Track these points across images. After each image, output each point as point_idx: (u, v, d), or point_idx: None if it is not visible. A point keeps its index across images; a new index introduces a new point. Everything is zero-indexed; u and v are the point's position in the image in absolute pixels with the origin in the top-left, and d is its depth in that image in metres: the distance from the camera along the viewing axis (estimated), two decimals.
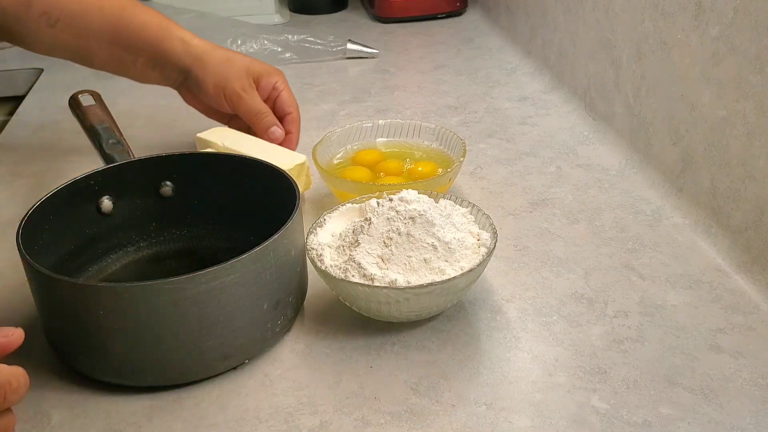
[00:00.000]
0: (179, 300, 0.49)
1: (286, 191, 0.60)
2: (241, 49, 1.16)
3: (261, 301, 0.54)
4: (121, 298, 0.49)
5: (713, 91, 0.67)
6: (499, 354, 0.56)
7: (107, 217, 0.64)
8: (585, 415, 0.50)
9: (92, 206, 0.63)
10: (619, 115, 0.85)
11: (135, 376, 0.53)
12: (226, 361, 0.54)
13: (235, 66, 0.79)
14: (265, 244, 0.52)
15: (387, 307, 0.56)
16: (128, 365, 0.52)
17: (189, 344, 0.51)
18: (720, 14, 0.65)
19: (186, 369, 0.53)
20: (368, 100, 1.03)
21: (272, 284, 0.54)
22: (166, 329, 0.50)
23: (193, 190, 0.66)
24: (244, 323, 0.53)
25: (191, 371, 0.53)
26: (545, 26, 1.06)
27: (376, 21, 1.38)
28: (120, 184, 0.64)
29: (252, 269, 0.52)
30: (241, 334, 0.53)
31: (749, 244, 0.63)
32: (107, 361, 0.52)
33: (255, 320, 0.54)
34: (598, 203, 0.75)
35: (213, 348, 0.52)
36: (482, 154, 0.86)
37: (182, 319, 0.50)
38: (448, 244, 0.57)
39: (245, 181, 0.65)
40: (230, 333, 0.53)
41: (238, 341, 0.54)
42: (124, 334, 0.50)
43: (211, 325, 0.51)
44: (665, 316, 0.59)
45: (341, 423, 0.50)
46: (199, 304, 0.50)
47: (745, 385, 0.52)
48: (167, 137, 0.94)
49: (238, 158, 0.66)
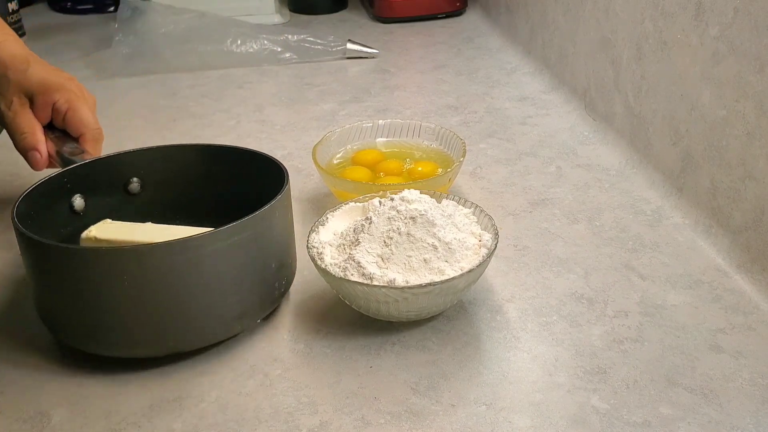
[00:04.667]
0: (202, 257, 0.51)
1: (259, 171, 0.61)
2: (241, 50, 1.16)
3: (270, 260, 0.56)
4: (145, 261, 0.50)
5: (713, 91, 0.67)
6: (499, 354, 0.56)
7: (81, 216, 0.64)
8: (585, 415, 0.50)
9: (65, 205, 0.63)
10: (619, 115, 0.85)
11: (156, 345, 0.53)
12: (242, 320, 0.56)
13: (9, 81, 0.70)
14: (272, 203, 0.54)
15: (386, 306, 0.56)
16: (149, 334, 0.53)
17: (211, 303, 0.53)
18: (720, 14, 0.65)
19: (206, 330, 0.54)
20: (368, 100, 1.03)
21: (278, 244, 0.57)
22: (190, 289, 0.52)
23: (160, 184, 0.67)
24: (259, 280, 0.56)
25: (211, 333, 0.55)
26: (545, 26, 1.06)
27: (376, 21, 1.38)
28: (89, 182, 0.64)
29: (262, 226, 0.54)
30: (256, 291, 0.56)
31: (749, 244, 0.63)
32: (129, 333, 0.53)
33: (266, 279, 0.56)
34: (598, 203, 0.75)
35: (231, 305, 0.54)
36: (482, 154, 0.86)
37: (205, 277, 0.52)
38: (448, 245, 0.57)
39: (212, 169, 0.66)
40: (247, 289, 0.55)
41: (253, 298, 0.56)
42: (149, 299, 0.51)
43: (231, 282, 0.53)
44: (665, 316, 0.59)
45: (341, 423, 0.50)
46: (219, 261, 0.52)
47: (745, 385, 0.52)
48: (167, 137, 0.94)
49: (201, 147, 0.67)
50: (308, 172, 0.83)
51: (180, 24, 1.17)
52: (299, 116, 0.99)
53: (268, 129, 0.95)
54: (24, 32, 1.34)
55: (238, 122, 0.97)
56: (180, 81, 1.12)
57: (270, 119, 0.98)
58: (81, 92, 0.72)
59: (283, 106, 1.02)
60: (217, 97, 1.06)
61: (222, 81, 1.12)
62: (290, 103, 1.03)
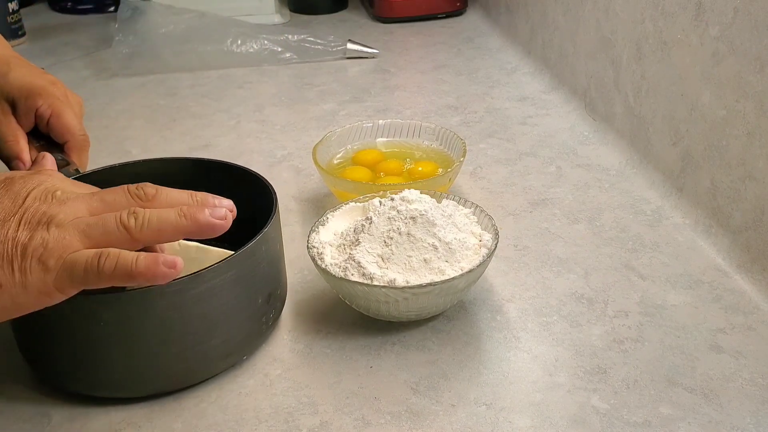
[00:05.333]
0: (182, 301, 0.49)
1: (254, 191, 0.59)
2: (241, 50, 1.16)
3: (256, 295, 0.54)
4: (124, 307, 0.48)
5: (713, 91, 0.67)
6: (499, 354, 0.56)
7: None
8: (585, 415, 0.50)
9: None
10: (619, 115, 0.85)
11: (137, 386, 0.52)
12: (228, 358, 0.54)
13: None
14: (258, 238, 0.52)
15: (386, 306, 0.56)
16: (130, 376, 0.51)
17: (193, 345, 0.51)
18: (720, 14, 0.65)
19: (189, 371, 0.52)
20: (368, 100, 1.03)
21: (265, 277, 0.55)
22: (171, 333, 0.50)
23: None
24: (243, 318, 0.54)
25: (194, 373, 0.53)
26: (545, 26, 1.06)
27: (376, 21, 1.38)
28: None
29: (248, 264, 0.52)
30: (242, 329, 0.54)
31: (749, 244, 0.63)
32: (108, 374, 0.51)
33: (252, 314, 0.54)
34: (598, 203, 0.75)
35: (215, 347, 0.52)
36: (482, 154, 0.86)
37: (186, 320, 0.50)
38: (448, 245, 0.57)
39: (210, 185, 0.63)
40: (231, 329, 0.53)
41: (239, 337, 0.54)
42: (126, 344, 0.49)
43: (214, 323, 0.51)
44: (665, 316, 0.59)
45: (341, 423, 0.50)
46: (201, 303, 0.50)
47: (745, 385, 0.52)
48: (167, 137, 0.94)
49: (200, 161, 0.64)
50: (308, 172, 0.83)
51: (180, 24, 1.17)
52: (299, 116, 0.99)
53: (268, 129, 0.95)
54: (24, 32, 1.33)
55: (238, 122, 0.97)
56: (180, 81, 1.12)
57: (270, 119, 0.98)
58: (65, 97, 0.69)
59: (283, 106, 1.02)
60: (217, 97, 1.06)
61: (222, 81, 1.12)
62: (290, 103, 1.03)
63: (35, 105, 0.67)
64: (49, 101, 0.67)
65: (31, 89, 0.67)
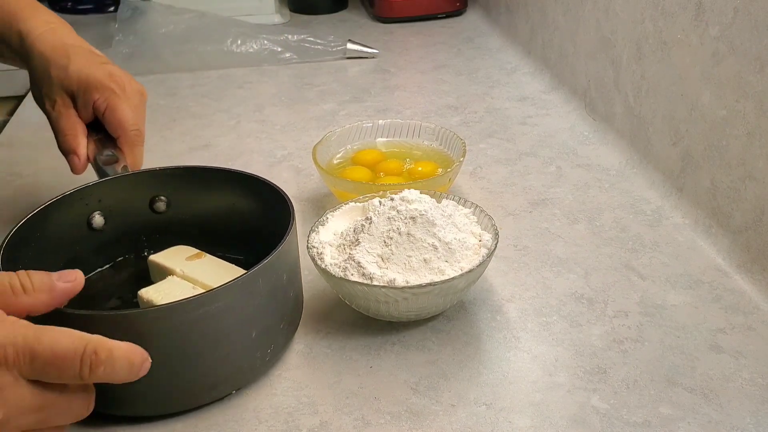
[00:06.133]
0: (163, 329, 0.47)
1: (281, 210, 0.57)
2: (241, 50, 1.16)
3: (249, 329, 0.51)
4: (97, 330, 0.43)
5: (713, 91, 0.67)
6: (499, 354, 0.56)
7: (97, 232, 0.62)
8: (585, 415, 0.50)
9: (83, 222, 0.61)
10: (619, 115, 0.85)
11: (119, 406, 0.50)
12: (213, 391, 0.51)
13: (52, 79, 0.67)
14: (254, 270, 0.49)
15: (386, 306, 0.56)
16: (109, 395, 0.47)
17: (173, 375, 0.49)
18: (720, 14, 0.65)
19: (171, 400, 0.51)
20: (368, 100, 1.03)
21: (262, 311, 0.52)
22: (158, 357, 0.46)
23: (187, 205, 0.64)
24: (231, 352, 0.50)
25: (176, 402, 0.51)
26: (545, 26, 1.06)
27: (376, 21, 1.38)
28: (112, 199, 0.62)
29: (240, 296, 0.49)
30: (228, 363, 0.51)
31: (749, 244, 0.63)
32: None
33: (243, 348, 0.51)
34: (598, 203, 0.75)
35: (199, 378, 0.50)
36: (482, 154, 0.86)
37: (166, 348, 0.47)
38: (448, 245, 0.57)
39: (241, 197, 0.62)
40: (217, 362, 0.50)
41: (225, 371, 0.51)
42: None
43: (197, 354, 0.49)
44: (665, 316, 0.59)
45: (341, 423, 0.50)
46: (183, 333, 0.48)
47: (745, 385, 0.52)
48: (166, 137, 0.94)
49: (235, 173, 0.63)
50: (308, 172, 0.83)
51: (180, 24, 1.17)
52: (299, 116, 0.99)
53: (268, 129, 0.95)
54: None
55: (238, 122, 0.97)
56: (180, 81, 1.12)
57: (270, 119, 0.98)
58: (122, 89, 0.68)
59: (283, 106, 1.02)
60: (217, 97, 1.06)
61: (222, 81, 1.12)
62: (290, 103, 1.03)
63: (92, 98, 0.67)
64: (105, 95, 0.67)
65: (89, 82, 0.66)
